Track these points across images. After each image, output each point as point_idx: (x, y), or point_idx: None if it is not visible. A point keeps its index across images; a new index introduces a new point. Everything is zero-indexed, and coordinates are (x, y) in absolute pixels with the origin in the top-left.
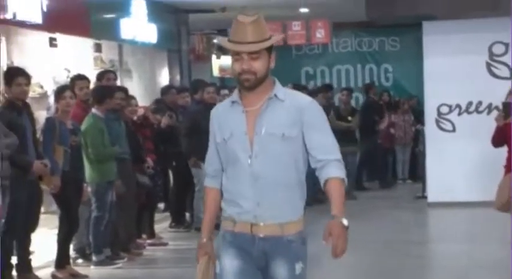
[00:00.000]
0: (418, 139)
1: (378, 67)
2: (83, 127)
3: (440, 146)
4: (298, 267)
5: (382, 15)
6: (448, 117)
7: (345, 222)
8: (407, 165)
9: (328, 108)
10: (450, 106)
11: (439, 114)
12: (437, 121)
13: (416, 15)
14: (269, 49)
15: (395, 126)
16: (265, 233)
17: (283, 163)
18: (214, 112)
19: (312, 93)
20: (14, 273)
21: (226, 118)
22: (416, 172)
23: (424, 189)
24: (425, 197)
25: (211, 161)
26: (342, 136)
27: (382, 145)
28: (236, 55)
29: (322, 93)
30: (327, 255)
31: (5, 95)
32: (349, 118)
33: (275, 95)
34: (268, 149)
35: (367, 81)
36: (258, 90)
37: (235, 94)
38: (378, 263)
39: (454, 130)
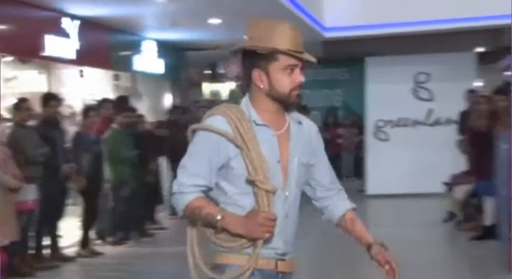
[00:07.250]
0: (361, 147)
1: (331, 92)
2: (105, 137)
3: (377, 151)
4: None
5: (335, 53)
6: (384, 129)
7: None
8: (351, 166)
9: None
10: (385, 121)
11: (377, 127)
12: (375, 133)
13: (361, 52)
14: None
15: (343, 136)
16: (286, 269)
17: (300, 195)
18: (222, 131)
19: None
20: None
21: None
22: (360, 171)
23: (364, 184)
24: (365, 191)
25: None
26: None
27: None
28: (293, 66)
29: None
30: None
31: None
32: None
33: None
34: (298, 180)
35: (323, 102)
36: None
37: (253, 114)
38: (328, 239)
39: (388, 139)
